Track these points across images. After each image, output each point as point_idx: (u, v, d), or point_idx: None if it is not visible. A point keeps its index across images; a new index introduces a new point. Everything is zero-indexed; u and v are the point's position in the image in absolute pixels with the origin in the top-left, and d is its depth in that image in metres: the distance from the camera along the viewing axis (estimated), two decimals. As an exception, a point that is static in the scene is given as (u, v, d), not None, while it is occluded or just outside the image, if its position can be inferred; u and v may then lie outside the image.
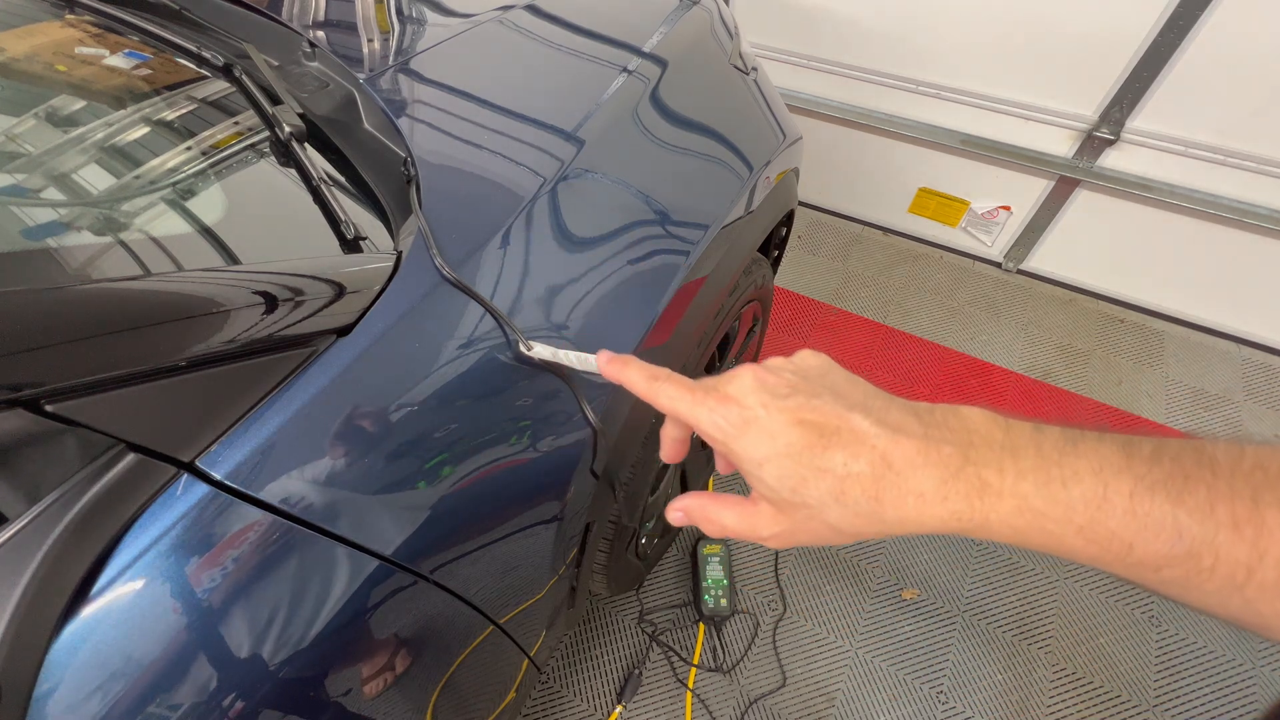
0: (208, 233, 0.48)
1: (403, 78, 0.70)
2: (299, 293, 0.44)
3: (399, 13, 0.84)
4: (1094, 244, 1.75)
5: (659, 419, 0.39)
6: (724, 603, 1.19)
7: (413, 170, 0.58)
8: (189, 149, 0.55)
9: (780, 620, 1.23)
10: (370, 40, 0.78)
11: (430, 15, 0.83)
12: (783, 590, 1.26)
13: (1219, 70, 1.37)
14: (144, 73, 0.63)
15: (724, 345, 1.04)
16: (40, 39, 0.64)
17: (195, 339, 0.38)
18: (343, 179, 0.60)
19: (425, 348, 0.50)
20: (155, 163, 0.53)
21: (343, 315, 0.47)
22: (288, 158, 0.56)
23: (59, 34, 0.65)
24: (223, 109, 0.61)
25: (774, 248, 1.17)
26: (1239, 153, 1.44)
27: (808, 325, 1.76)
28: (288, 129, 0.56)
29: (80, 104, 0.56)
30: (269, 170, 0.57)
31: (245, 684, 0.40)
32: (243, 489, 0.40)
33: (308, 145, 0.57)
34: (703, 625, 1.20)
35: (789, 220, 1.14)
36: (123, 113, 0.57)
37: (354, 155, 0.61)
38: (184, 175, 0.53)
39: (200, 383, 0.39)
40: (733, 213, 0.81)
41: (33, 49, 0.62)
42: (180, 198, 0.50)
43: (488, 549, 0.56)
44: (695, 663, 1.16)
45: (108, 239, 0.44)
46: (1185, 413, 1.58)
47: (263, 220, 0.54)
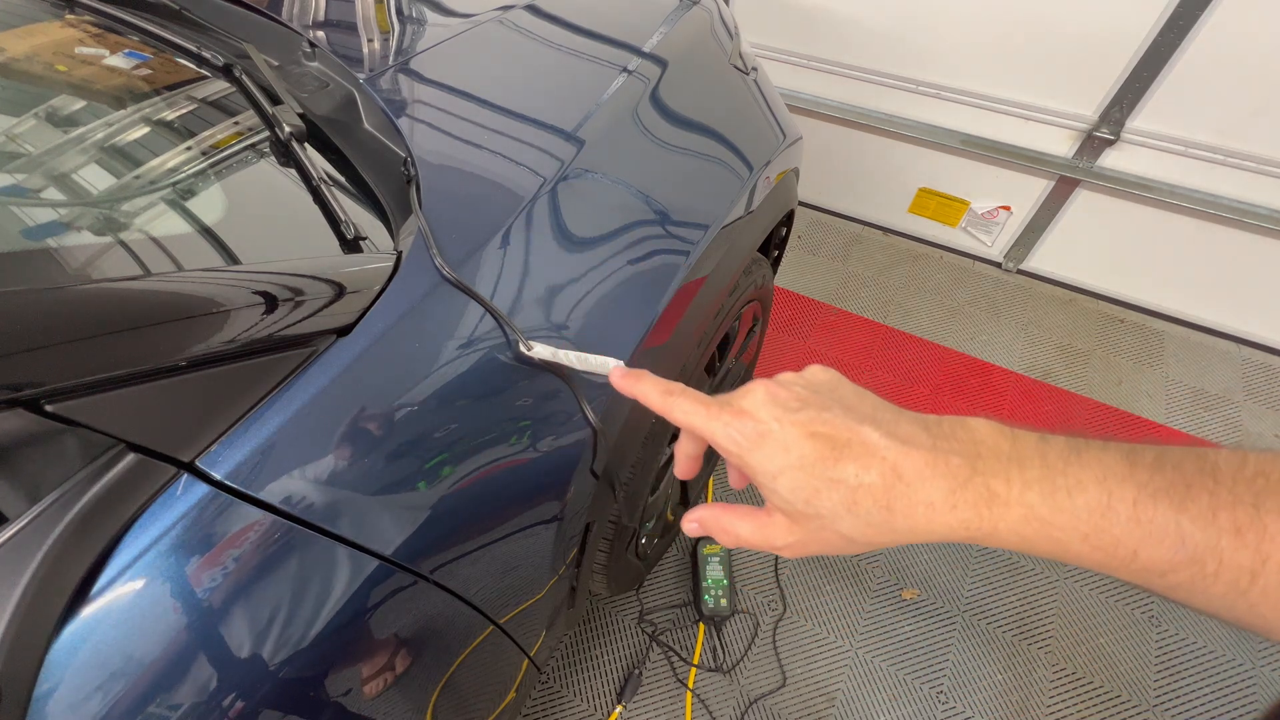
0: (208, 233, 0.48)
1: (403, 78, 0.70)
2: (299, 293, 0.44)
3: (399, 13, 0.84)
4: (1094, 244, 1.75)
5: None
6: (724, 603, 1.19)
7: (413, 170, 0.58)
8: (189, 149, 0.55)
9: (780, 620, 1.23)
10: (370, 40, 0.78)
11: (430, 15, 0.83)
12: (783, 590, 1.26)
13: (1219, 70, 1.37)
14: (144, 73, 0.63)
15: (724, 345, 1.04)
16: (40, 39, 0.64)
17: (195, 339, 0.38)
18: (343, 179, 0.60)
19: (425, 348, 0.50)
20: (155, 163, 0.53)
21: (343, 315, 0.47)
22: (288, 158, 0.56)
23: (59, 34, 0.65)
24: (223, 109, 0.61)
25: (774, 248, 1.17)
26: (1239, 153, 1.44)
27: (808, 325, 1.76)
28: (288, 129, 0.56)
29: (80, 104, 0.56)
30: (269, 170, 0.57)
31: (245, 684, 0.40)
32: (243, 489, 0.40)
33: (308, 145, 0.57)
34: (703, 625, 1.20)
35: (789, 220, 1.14)
36: (123, 113, 0.57)
37: (354, 155, 0.61)
38: (184, 175, 0.53)
39: (200, 383, 0.39)
40: (733, 213, 0.81)
41: (33, 49, 0.62)
42: (180, 198, 0.50)
43: (488, 549, 0.56)
44: (695, 663, 1.16)
45: (108, 239, 0.44)
46: (1185, 413, 1.58)
47: (263, 220, 0.54)
